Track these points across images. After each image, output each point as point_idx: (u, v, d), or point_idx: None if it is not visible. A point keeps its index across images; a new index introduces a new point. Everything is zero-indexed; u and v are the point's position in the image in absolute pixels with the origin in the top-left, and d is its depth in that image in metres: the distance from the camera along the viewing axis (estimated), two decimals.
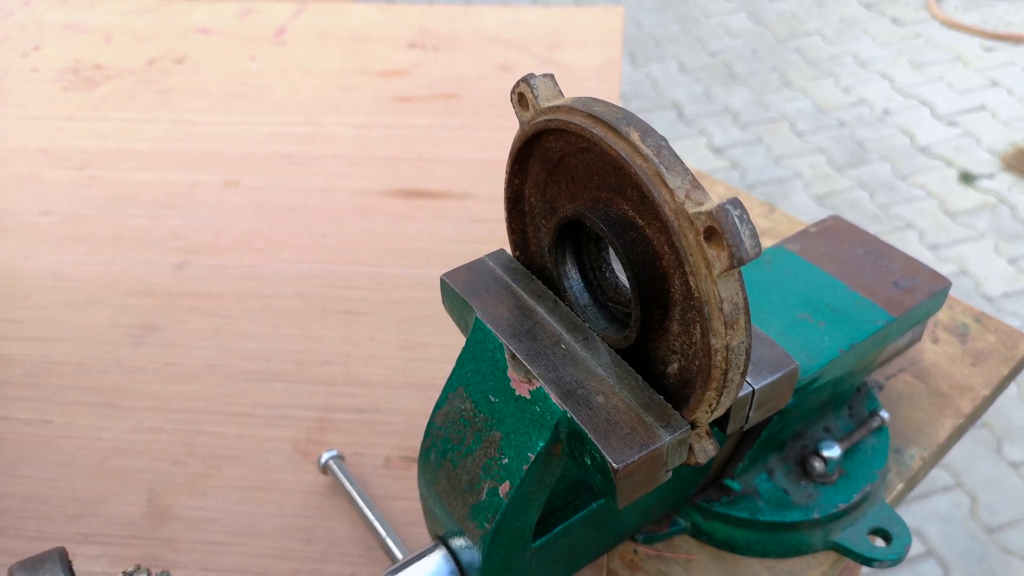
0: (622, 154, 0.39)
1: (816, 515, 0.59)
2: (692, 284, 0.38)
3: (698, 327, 0.41)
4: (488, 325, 0.48)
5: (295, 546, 0.63)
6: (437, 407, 0.51)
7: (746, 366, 0.40)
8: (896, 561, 0.59)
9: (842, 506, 0.60)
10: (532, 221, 0.52)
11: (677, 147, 2.58)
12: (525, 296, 0.50)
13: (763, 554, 0.61)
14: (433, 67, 1.18)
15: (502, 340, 0.47)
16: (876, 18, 3.41)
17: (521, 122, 0.47)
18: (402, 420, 0.71)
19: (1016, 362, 0.73)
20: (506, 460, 0.46)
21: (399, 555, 0.57)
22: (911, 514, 1.74)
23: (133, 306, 0.84)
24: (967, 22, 3.31)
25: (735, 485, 0.61)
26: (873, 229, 2.40)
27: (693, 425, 0.43)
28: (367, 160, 1.02)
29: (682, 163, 0.38)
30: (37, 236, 0.93)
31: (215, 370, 0.77)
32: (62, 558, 0.48)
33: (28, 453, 0.70)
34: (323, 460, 0.65)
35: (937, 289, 0.61)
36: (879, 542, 0.61)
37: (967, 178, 2.59)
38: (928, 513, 1.75)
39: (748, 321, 0.39)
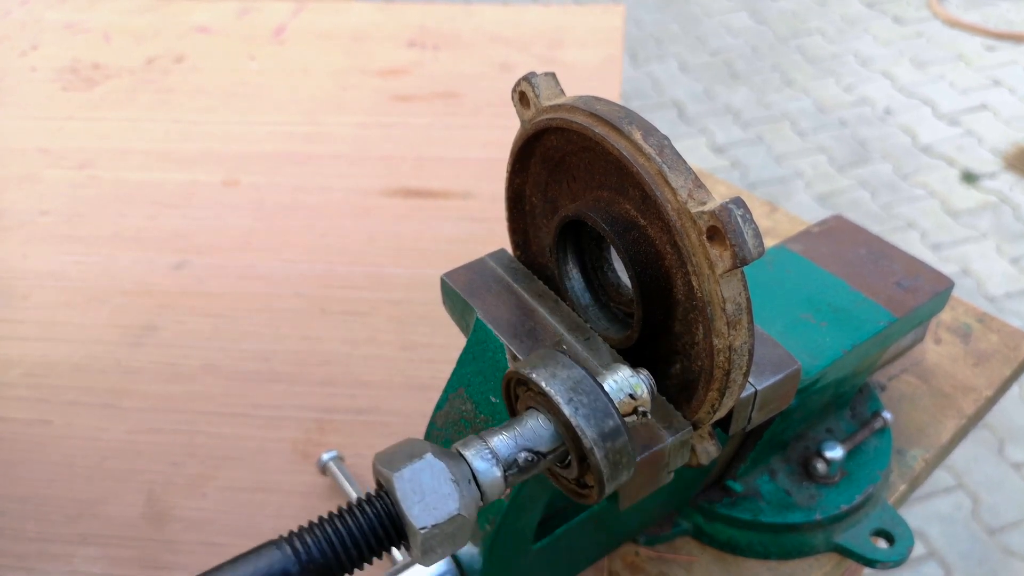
0: (624, 153, 0.39)
1: (818, 516, 0.59)
2: (695, 284, 0.38)
3: (700, 327, 0.40)
4: (489, 325, 0.48)
5: None
6: (438, 408, 0.51)
7: (749, 367, 0.40)
8: (898, 562, 0.59)
9: (844, 507, 0.59)
10: (533, 221, 0.51)
11: (678, 146, 2.57)
12: (526, 296, 0.50)
13: (765, 556, 0.60)
14: (433, 66, 1.18)
15: (503, 341, 0.47)
16: (878, 17, 3.40)
17: (522, 121, 0.46)
18: (402, 420, 0.71)
19: (1019, 363, 0.73)
20: None
21: (400, 556, 0.57)
22: (913, 515, 1.74)
23: (132, 306, 0.84)
24: (969, 21, 3.31)
25: (737, 486, 0.60)
26: (875, 229, 2.40)
27: (695, 426, 0.43)
28: (367, 160, 1.02)
29: (685, 162, 0.38)
30: (36, 236, 0.93)
31: (214, 370, 0.77)
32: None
33: (27, 454, 0.70)
34: (323, 461, 0.65)
35: (940, 289, 0.61)
36: (881, 543, 0.60)
37: (969, 178, 2.58)
38: (930, 514, 1.75)
39: (751, 321, 0.38)
